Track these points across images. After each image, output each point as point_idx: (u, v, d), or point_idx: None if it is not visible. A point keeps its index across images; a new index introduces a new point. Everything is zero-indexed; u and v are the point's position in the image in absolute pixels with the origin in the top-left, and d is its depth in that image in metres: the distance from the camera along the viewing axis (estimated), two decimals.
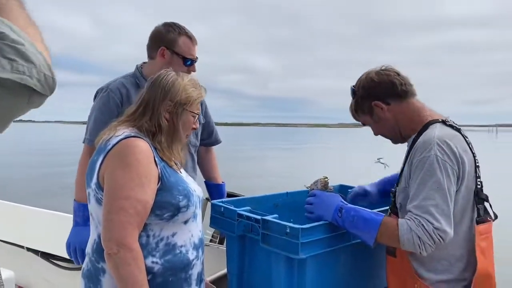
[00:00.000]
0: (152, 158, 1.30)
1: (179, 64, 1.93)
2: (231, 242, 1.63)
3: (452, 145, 1.35)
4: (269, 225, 1.42)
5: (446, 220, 1.29)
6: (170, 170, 1.35)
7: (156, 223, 1.30)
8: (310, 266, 1.39)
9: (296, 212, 1.70)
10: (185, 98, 1.39)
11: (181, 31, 1.94)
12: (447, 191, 1.31)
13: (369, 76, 1.53)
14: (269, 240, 1.42)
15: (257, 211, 1.57)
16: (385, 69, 1.53)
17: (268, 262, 1.49)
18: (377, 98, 1.50)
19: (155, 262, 1.28)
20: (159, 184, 1.29)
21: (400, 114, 1.50)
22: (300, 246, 1.32)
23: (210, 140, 2.29)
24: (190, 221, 1.37)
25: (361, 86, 1.54)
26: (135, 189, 1.23)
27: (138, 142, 1.29)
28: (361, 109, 1.56)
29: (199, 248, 1.40)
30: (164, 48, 1.93)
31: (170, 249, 1.31)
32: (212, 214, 1.67)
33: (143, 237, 1.28)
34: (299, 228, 1.33)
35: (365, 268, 1.61)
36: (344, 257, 1.51)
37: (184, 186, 1.35)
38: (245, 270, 1.60)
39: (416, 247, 1.29)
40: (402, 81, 1.49)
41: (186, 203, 1.32)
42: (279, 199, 1.87)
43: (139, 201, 1.23)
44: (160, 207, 1.28)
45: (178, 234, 1.33)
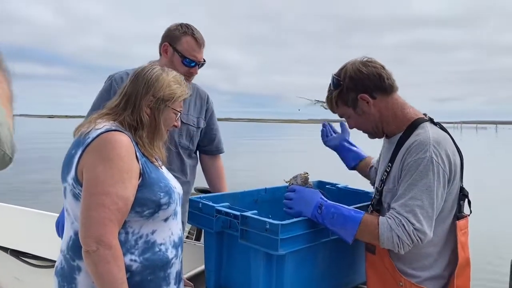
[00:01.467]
0: (134, 153, 1.26)
1: (178, 63, 1.89)
2: (209, 239, 1.59)
3: (446, 147, 1.34)
4: (248, 221, 1.40)
5: (427, 222, 1.28)
6: (151, 166, 1.31)
7: (136, 220, 1.26)
8: (289, 262, 1.38)
9: (275, 208, 1.69)
10: (168, 95, 1.34)
11: (187, 30, 1.90)
12: (435, 194, 1.30)
13: (356, 67, 1.44)
14: (248, 236, 1.39)
15: (236, 207, 1.55)
16: (371, 61, 1.45)
17: (247, 258, 1.47)
18: (364, 91, 1.43)
19: (134, 260, 1.24)
20: (140, 180, 1.25)
21: (385, 109, 1.45)
22: (280, 242, 1.30)
23: (210, 148, 2.22)
24: (170, 219, 1.34)
25: (347, 77, 1.44)
26: (116, 185, 1.19)
27: (119, 136, 1.24)
28: (343, 101, 1.47)
29: (179, 246, 1.37)
30: (167, 44, 1.90)
31: (149, 247, 1.27)
32: (190, 210, 1.64)
33: (122, 234, 1.24)
34: (279, 224, 1.31)
35: (344, 264, 1.61)
36: (323, 252, 1.51)
37: (166, 183, 1.31)
38: (223, 267, 1.58)
39: (394, 246, 1.29)
40: (387, 75, 1.44)
41: (167, 200, 1.28)
42: (258, 195, 1.85)
43: (120, 198, 1.19)
44: (141, 204, 1.24)
45: (157, 232, 1.29)
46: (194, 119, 2.09)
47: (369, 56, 1.48)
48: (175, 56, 1.90)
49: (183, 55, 1.89)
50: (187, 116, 2.05)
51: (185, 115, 2.03)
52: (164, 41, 1.93)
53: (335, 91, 1.48)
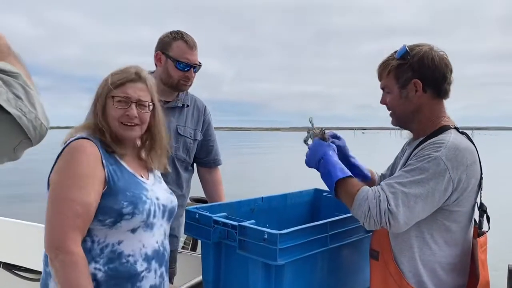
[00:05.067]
0: (99, 160, 1.23)
1: (173, 68, 1.85)
2: (207, 250, 1.55)
3: (464, 156, 1.25)
4: (246, 231, 1.36)
5: (405, 213, 1.20)
6: (121, 174, 1.27)
7: (100, 229, 1.22)
8: (288, 272, 1.34)
9: (272, 217, 1.66)
10: (102, 87, 1.31)
11: (177, 35, 1.87)
12: (427, 194, 1.22)
13: (432, 54, 1.34)
14: (246, 247, 1.35)
15: (233, 217, 1.51)
16: (447, 59, 1.37)
17: (245, 269, 1.43)
18: (422, 78, 1.34)
19: (98, 269, 1.21)
20: (105, 188, 1.22)
21: (426, 107, 1.37)
22: (278, 252, 1.27)
23: (208, 160, 2.14)
24: (140, 231, 1.27)
25: (418, 57, 1.34)
26: (75, 190, 1.17)
27: (83, 143, 1.24)
28: (397, 74, 1.37)
29: (152, 259, 1.29)
30: (160, 52, 1.87)
31: (116, 257, 1.23)
32: (186, 221, 1.59)
33: (88, 242, 1.21)
34: (277, 234, 1.27)
35: (343, 273, 1.57)
36: (322, 261, 1.47)
37: (135, 192, 1.25)
38: (221, 278, 1.53)
39: (361, 216, 1.24)
40: (449, 81, 1.37)
41: (131, 210, 1.22)
42: (255, 204, 1.81)
43: (80, 203, 1.16)
44: (103, 213, 1.21)
45: (125, 243, 1.24)
46: (191, 131, 2.02)
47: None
48: (168, 63, 1.87)
49: (176, 59, 1.85)
50: (184, 127, 1.99)
51: (182, 126, 1.98)
52: (157, 50, 1.90)
53: (397, 60, 1.37)
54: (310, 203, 2.05)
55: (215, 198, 2.14)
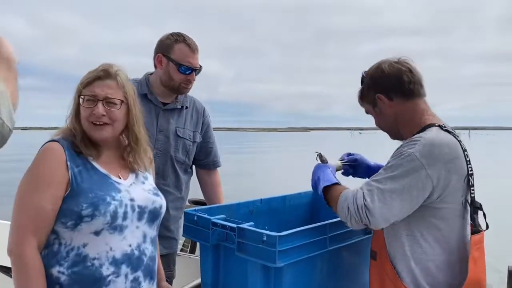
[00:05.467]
0: (62, 162, 1.21)
1: (175, 71, 1.85)
2: (205, 252, 1.53)
3: (439, 151, 1.26)
4: (245, 233, 1.34)
5: (381, 209, 1.22)
6: (88, 175, 1.24)
7: (64, 231, 1.21)
8: (287, 274, 1.33)
9: (271, 219, 1.64)
10: (76, 87, 1.29)
11: (179, 38, 1.86)
12: (402, 189, 1.23)
13: (381, 66, 1.42)
14: (245, 249, 1.34)
15: (232, 219, 1.49)
16: (399, 62, 1.41)
17: (244, 271, 1.41)
18: (381, 91, 1.40)
19: (62, 272, 1.19)
20: (69, 190, 1.20)
21: (401, 113, 1.40)
22: (277, 254, 1.25)
23: (207, 162, 2.12)
24: (105, 233, 1.21)
25: (369, 75, 1.44)
26: (28, 193, 1.17)
27: (49, 145, 1.24)
28: (365, 98, 1.47)
29: (122, 264, 1.23)
30: (161, 55, 1.85)
31: (80, 260, 1.20)
32: (185, 223, 1.58)
33: (55, 244, 1.21)
34: (276, 236, 1.26)
35: (343, 275, 1.56)
36: (321, 264, 1.46)
37: (98, 194, 1.21)
38: (220, 280, 1.51)
39: (344, 216, 1.30)
40: (411, 79, 1.38)
41: (90, 212, 1.18)
42: (254, 206, 1.80)
43: (32, 207, 1.16)
44: (64, 215, 1.20)
45: (90, 246, 1.21)
46: (190, 133, 2.00)
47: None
48: (170, 65, 1.86)
49: (178, 62, 1.84)
50: (183, 129, 1.97)
51: (181, 128, 1.96)
52: (157, 52, 1.88)
53: (361, 87, 1.49)
54: (309, 205, 2.04)
55: (214, 200, 2.12)
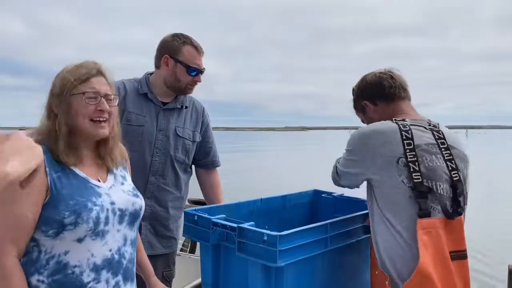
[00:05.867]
0: (42, 167, 1.15)
1: (183, 73, 1.86)
2: (206, 252, 1.52)
3: (365, 138, 1.43)
4: (246, 233, 1.33)
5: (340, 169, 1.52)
6: (67, 180, 1.18)
7: (45, 239, 1.15)
8: (288, 274, 1.32)
9: (271, 219, 1.64)
10: (61, 85, 1.21)
11: (186, 40, 1.88)
12: (345, 161, 1.50)
13: (365, 77, 1.62)
14: (245, 249, 1.33)
15: (232, 219, 1.48)
16: (382, 72, 1.59)
17: (245, 271, 1.40)
18: (366, 98, 1.60)
19: (41, 281, 1.14)
20: (48, 197, 1.14)
21: (384, 114, 1.54)
22: (278, 254, 1.25)
23: (206, 161, 2.11)
24: (88, 240, 1.18)
25: (357, 86, 1.65)
26: (7, 201, 1.10)
27: None
28: (356, 107, 1.67)
29: (102, 269, 1.20)
30: (168, 56, 1.86)
31: (61, 268, 1.16)
32: (185, 223, 1.57)
33: (34, 252, 1.15)
34: (277, 236, 1.25)
35: (344, 274, 1.55)
36: (323, 263, 1.45)
37: (79, 200, 1.17)
38: (220, 280, 1.50)
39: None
40: (392, 84, 1.55)
41: (73, 220, 1.14)
42: (254, 205, 1.79)
43: (11, 216, 1.11)
44: (45, 223, 1.14)
45: (71, 253, 1.16)
46: (190, 133, 2.00)
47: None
48: (178, 67, 1.87)
49: (187, 64, 1.86)
50: (183, 129, 1.97)
51: (181, 128, 1.96)
52: (163, 53, 1.88)
53: (352, 98, 1.69)
54: (310, 204, 2.03)
55: (214, 200, 2.11)
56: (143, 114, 1.88)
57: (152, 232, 1.91)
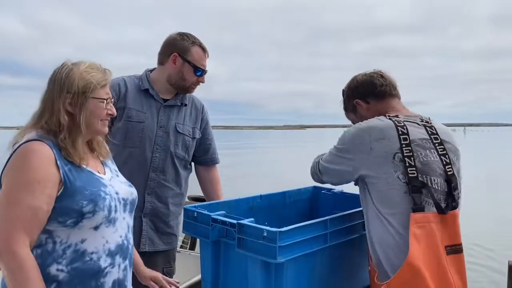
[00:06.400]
0: (53, 162, 1.19)
1: (190, 73, 1.89)
2: (205, 248, 1.52)
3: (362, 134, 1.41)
4: (245, 229, 1.33)
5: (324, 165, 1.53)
6: (77, 173, 1.23)
7: (61, 230, 1.19)
8: (288, 270, 1.32)
9: (271, 215, 1.63)
10: (83, 86, 1.26)
11: (195, 41, 1.90)
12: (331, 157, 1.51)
13: (356, 77, 1.64)
14: (245, 245, 1.32)
15: (232, 215, 1.48)
16: (371, 72, 1.62)
17: (244, 267, 1.40)
18: (358, 97, 1.60)
19: (61, 270, 1.18)
20: (62, 189, 1.19)
21: (377, 112, 1.54)
22: (278, 250, 1.24)
23: (205, 158, 2.12)
24: (102, 227, 1.24)
25: (347, 86, 1.66)
26: (24, 194, 1.14)
27: (36, 146, 1.19)
28: (347, 107, 1.67)
29: (116, 254, 1.28)
30: (177, 55, 1.87)
31: (79, 256, 1.20)
32: (184, 220, 1.56)
33: (49, 243, 1.19)
34: (277, 232, 1.25)
35: (344, 269, 1.54)
36: (322, 259, 1.44)
37: (93, 190, 1.23)
38: (220, 277, 1.50)
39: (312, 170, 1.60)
40: (383, 83, 1.57)
41: (91, 208, 1.20)
42: (254, 202, 1.78)
43: (28, 207, 1.13)
44: (62, 214, 1.18)
45: (88, 241, 1.22)
46: (190, 129, 2.00)
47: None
48: (185, 66, 1.88)
49: (195, 65, 1.89)
50: (183, 126, 1.97)
51: (181, 124, 1.96)
52: (172, 51, 1.88)
53: (342, 99, 1.69)
54: (309, 201, 2.03)
55: (213, 197, 2.10)
56: (144, 111, 1.88)
57: (153, 228, 1.90)
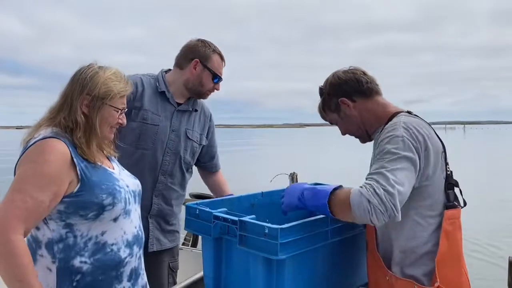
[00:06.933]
0: (68, 160, 1.21)
1: (208, 79, 1.92)
2: (207, 245, 1.52)
3: (417, 129, 1.32)
4: (247, 226, 1.33)
5: (398, 188, 1.18)
6: (93, 169, 1.26)
7: (82, 223, 1.23)
8: (289, 267, 1.32)
9: (273, 212, 1.63)
10: (104, 92, 1.29)
11: (215, 49, 1.95)
12: (407, 164, 1.24)
13: (336, 74, 1.52)
14: (246, 242, 1.32)
15: (233, 212, 1.48)
16: (352, 68, 1.52)
17: (246, 264, 1.40)
18: (343, 95, 1.49)
19: (84, 262, 1.22)
20: (79, 185, 1.22)
21: (365, 111, 1.48)
22: (279, 247, 1.24)
23: (210, 165, 2.19)
24: (120, 218, 1.30)
25: (328, 84, 1.52)
26: (31, 185, 1.15)
27: (53, 142, 1.21)
28: (328, 107, 1.54)
29: (134, 245, 1.34)
30: (198, 61, 1.90)
31: (100, 248, 1.25)
32: (186, 217, 1.56)
33: (69, 238, 1.22)
34: (278, 229, 1.25)
35: (345, 266, 1.54)
36: (323, 255, 1.44)
37: (109, 184, 1.27)
38: (222, 273, 1.50)
39: (366, 213, 1.15)
40: (367, 80, 1.48)
41: (111, 201, 1.25)
42: (255, 199, 1.78)
43: (32, 198, 1.14)
44: (84, 208, 1.21)
45: (108, 233, 1.27)
46: (198, 136, 2.05)
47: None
48: (205, 73, 1.92)
49: (215, 72, 1.92)
50: (192, 131, 2.01)
51: (191, 130, 2.00)
52: (193, 57, 1.91)
53: (321, 99, 1.56)
54: None
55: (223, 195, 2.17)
56: (159, 113, 1.90)
57: (158, 228, 1.95)
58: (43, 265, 1.21)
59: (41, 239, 1.23)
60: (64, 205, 1.21)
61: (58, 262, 1.21)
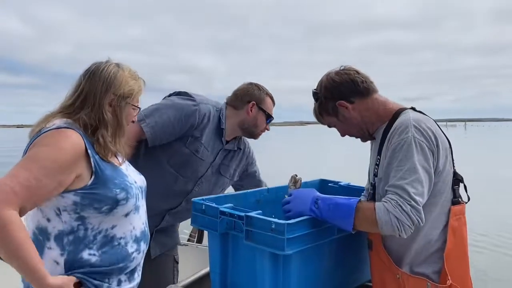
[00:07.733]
0: (81, 152, 1.20)
1: (262, 120, 1.99)
2: (213, 240, 1.51)
3: (428, 127, 1.31)
4: (253, 221, 1.32)
5: (420, 200, 1.23)
6: (105, 164, 1.26)
7: (96, 217, 1.22)
8: (296, 262, 1.31)
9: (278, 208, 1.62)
10: (128, 92, 1.30)
11: (268, 92, 2.02)
12: (423, 172, 1.25)
13: (330, 77, 1.46)
14: (253, 237, 1.32)
15: (239, 208, 1.47)
16: (345, 69, 1.47)
17: (252, 259, 1.39)
18: (340, 98, 1.44)
19: (92, 254, 1.22)
20: (93, 177, 1.21)
21: (365, 110, 1.44)
22: (286, 242, 1.23)
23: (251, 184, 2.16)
24: (131, 214, 1.30)
25: (323, 88, 1.47)
26: (39, 166, 1.12)
27: (68, 132, 1.20)
28: (325, 111, 1.49)
29: (141, 241, 1.33)
30: (254, 103, 1.95)
31: (108, 241, 1.25)
32: (193, 212, 1.55)
33: (80, 230, 1.21)
34: (285, 224, 1.24)
35: (350, 262, 1.54)
36: (329, 251, 1.44)
37: (121, 180, 1.27)
38: (228, 269, 1.49)
39: (395, 229, 1.20)
40: (362, 79, 1.44)
41: (124, 195, 1.25)
42: (261, 195, 1.78)
43: (36, 179, 1.11)
44: (98, 201, 1.21)
45: (118, 227, 1.27)
46: (232, 171, 2.06)
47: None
48: (259, 114, 1.97)
49: (269, 113, 1.99)
50: (227, 167, 2.03)
51: (226, 166, 2.02)
52: (249, 100, 1.96)
53: (316, 103, 1.51)
54: None
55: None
56: (209, 149, 1.92)
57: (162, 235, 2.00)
58: (50, 257, 1.20)
59: (51, 231, 1.21)
60: (79, 197, 1.20)
61: (67, 254, 1.20)
